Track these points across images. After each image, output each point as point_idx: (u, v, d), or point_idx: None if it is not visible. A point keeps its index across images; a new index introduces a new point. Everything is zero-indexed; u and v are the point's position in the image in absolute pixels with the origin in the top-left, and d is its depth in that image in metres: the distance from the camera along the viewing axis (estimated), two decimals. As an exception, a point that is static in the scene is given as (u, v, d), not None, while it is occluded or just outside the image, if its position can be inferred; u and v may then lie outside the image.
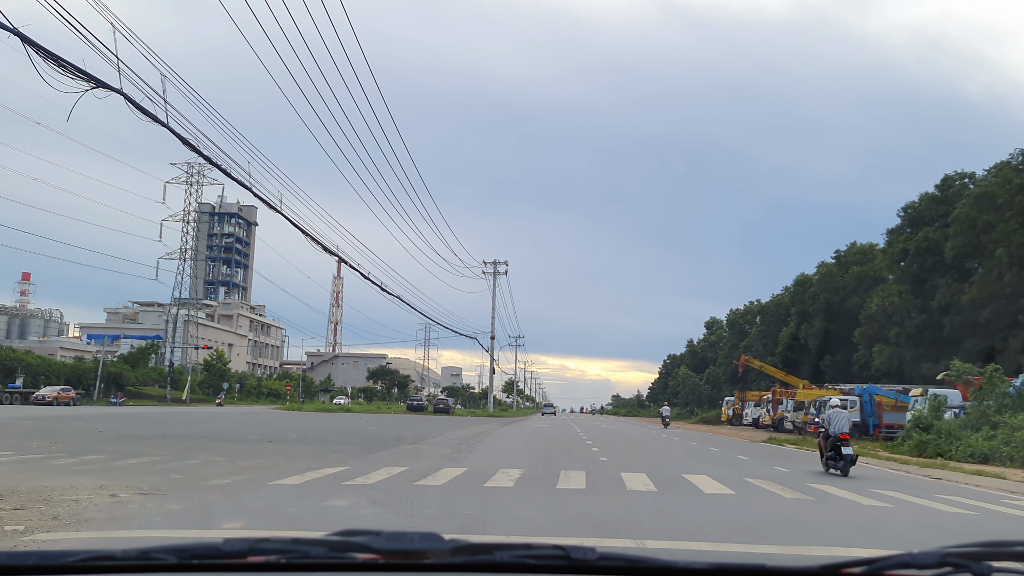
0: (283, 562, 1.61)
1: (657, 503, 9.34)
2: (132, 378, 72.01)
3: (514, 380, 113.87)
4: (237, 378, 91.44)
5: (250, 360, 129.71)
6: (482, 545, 1.65)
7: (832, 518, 8.84)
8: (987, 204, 44.20)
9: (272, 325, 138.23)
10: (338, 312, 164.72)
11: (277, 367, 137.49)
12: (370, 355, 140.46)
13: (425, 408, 64.63)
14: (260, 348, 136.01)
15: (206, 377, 79.93)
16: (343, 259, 31.01)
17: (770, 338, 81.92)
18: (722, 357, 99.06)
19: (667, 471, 13.88)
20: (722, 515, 8.57)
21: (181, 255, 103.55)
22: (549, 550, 1.63)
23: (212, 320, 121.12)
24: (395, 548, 1.63)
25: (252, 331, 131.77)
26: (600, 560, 1.62)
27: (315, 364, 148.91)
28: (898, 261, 52.53)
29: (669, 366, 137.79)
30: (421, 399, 67.79)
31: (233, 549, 1.62)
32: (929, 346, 48.59)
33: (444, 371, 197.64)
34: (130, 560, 1.60)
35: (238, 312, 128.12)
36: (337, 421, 35.95)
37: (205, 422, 29.58)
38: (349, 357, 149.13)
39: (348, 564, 1.63)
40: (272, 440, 19.24)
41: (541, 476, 11.98)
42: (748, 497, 10.39)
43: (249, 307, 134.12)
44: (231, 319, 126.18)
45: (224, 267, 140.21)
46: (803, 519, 8.51)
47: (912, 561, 1.61)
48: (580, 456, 16.81)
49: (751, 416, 59.89)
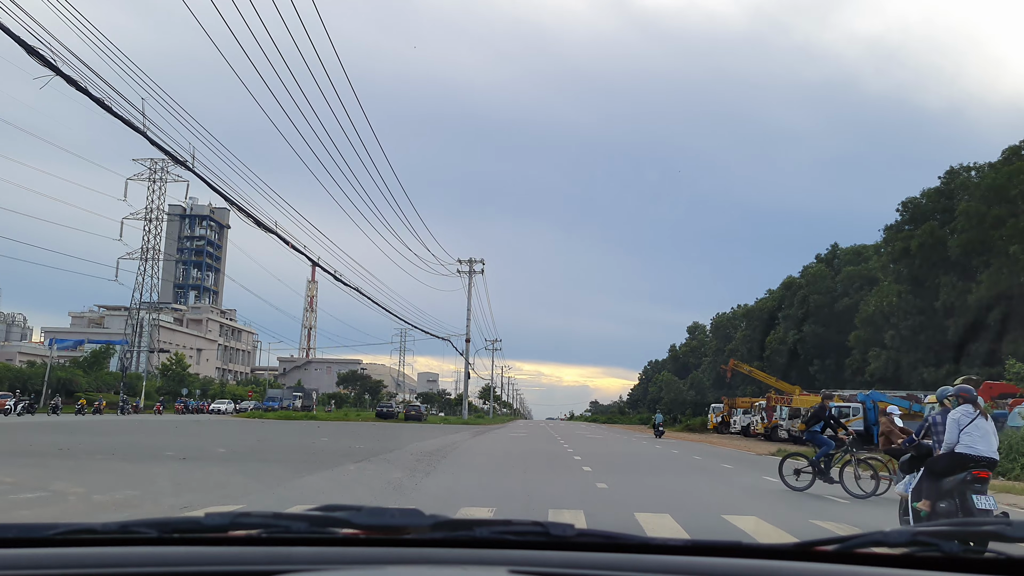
0: (264, 536, 1.61)
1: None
2: (84, 384, 67.50)
3: (491, 385, 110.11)
4: (200, 384, 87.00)
5: (220, 366, 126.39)
6: (462, 521, 1.67)
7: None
8: (996, 197, 41.37)
9: (243, 330, 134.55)
10: (312, 317, 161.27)
11: (248, 373, 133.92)
12: (344, 360, 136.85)
13: (396, 415, 60.79)
14: (231, 353, 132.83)
15: (164, 383, 75.34)
16: (310, 258, 28.68)
17: (755, 342, 79.08)
18: (706, 363, 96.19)
19: (694, 506, 10.37)
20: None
21: (143, 255, 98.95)
22: (528, 526, 1.66)
23: (181, 324, 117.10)
24: (376, 523, 1.64)
25: (222, 336, 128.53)
26: (578, 536, 1.65)
27: (287, 370, 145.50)
28: (896, 260, 49.63)
29: (649, 372, 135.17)
30: (392, 405, 63.82)
31: (214, 523, 1.62)
32: (928, 350, 45.67)
33: (420, 377, 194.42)
34: (110, 533, 1.61)
35: (208, 316, 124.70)
36: (291, 431, 32.11)
37: (127, 432, 25.66)
38: (323, 363, 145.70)
39: (329, 539, 1.63)
40: (187, 457, 15.49)
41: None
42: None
43: (220, 311, 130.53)
44: (200, 323, 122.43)
45: (195, 270, 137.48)
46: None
47: (884, 539, 1.62)
48: (571, 481, 13.18)
49: (740, 423, 56.71)
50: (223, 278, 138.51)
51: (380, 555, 1.62)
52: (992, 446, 7.70)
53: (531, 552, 1.64)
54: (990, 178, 41.92)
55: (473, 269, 61.71)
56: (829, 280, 65.14)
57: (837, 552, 1.64)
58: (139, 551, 1.59)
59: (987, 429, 7.74)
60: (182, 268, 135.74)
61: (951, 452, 7.66)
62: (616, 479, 13.95)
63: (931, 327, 45.22)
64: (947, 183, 49.86)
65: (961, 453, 7.57)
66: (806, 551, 1.65)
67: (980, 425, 7.70)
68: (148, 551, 1.59)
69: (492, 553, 1.63)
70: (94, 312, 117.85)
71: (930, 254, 46.52)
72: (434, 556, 1.62)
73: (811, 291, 65.24)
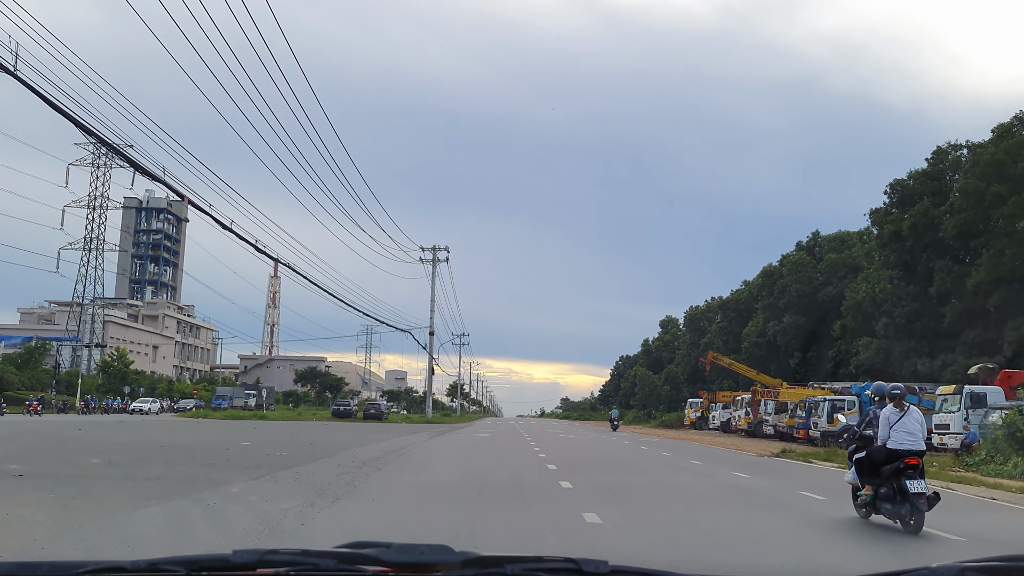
0: (292, 574, 1.59)
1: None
2: (16, 382, 62.33)
3: (458, 382, 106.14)
4: (147, 381, 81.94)
5: (177, 363, 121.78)
6: (493, 558, 1.63)
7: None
8: (996, 174, 38.48)
9: (202, 326, 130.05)
10: (275, 313, 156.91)
11: (208, 370, 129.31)
12: (308, 358, 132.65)
13: (353, 414, 56.64)
14: (189, 351, 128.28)
15: (104, 380, 70.23)
16: (261, 249, 26.38)
17: (732, 335, 76.25)
18: (680, 356, 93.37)
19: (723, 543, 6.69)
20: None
21: (86, 245, 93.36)
22: (561, 563, 1.61)
23: (136, 321, 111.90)
24: (405, 560, 1.61)
25: (180, 333, 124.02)
26: (612, 573, 1.59)
27: (248, 368, 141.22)
28: (886, 244, 46.75)
29: (621, 367, 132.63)
30: (349, 404, 59.48)
31: (242, 561, 1.60)
32: (922, 338, 42.77)
33: (388, 375, 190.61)
34: (140, 571, 1.59)
35: (164, 312, 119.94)
36: (215, 434, 27.92)
37: (9, 438, 21.40)
38: (286, 360, 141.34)
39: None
40: (24, 475, 11.47)
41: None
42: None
43: (177, 307, 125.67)
44: (156, 320, 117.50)
45: (151, 265, 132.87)
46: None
47: (932, 575, 1.57)
48: (547, 507, 9.44)
49: (720, 419, 53.54)
50: (181, 273, 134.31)
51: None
52: (918, 440, 8.89)
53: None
54: (988, 154, 39.00)
55: (437, 257, 57.73)
56: (811, 268, 62.31)
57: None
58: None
59: (912, 427, 8.90)
60: (138, 263, 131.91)
61: (884, 447, 8.94)
62: (602, 498, 10.16)
63: (925, 314, 42.33)
64: (935, 164, 47.07)
65: (892, 448, 8.84)
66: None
67: (906, 423, 8.90)
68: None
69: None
70: (44, 308, 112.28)
71: (922, 237, 43.64)
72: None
73: (792, 280, 62.35)
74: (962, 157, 46.25)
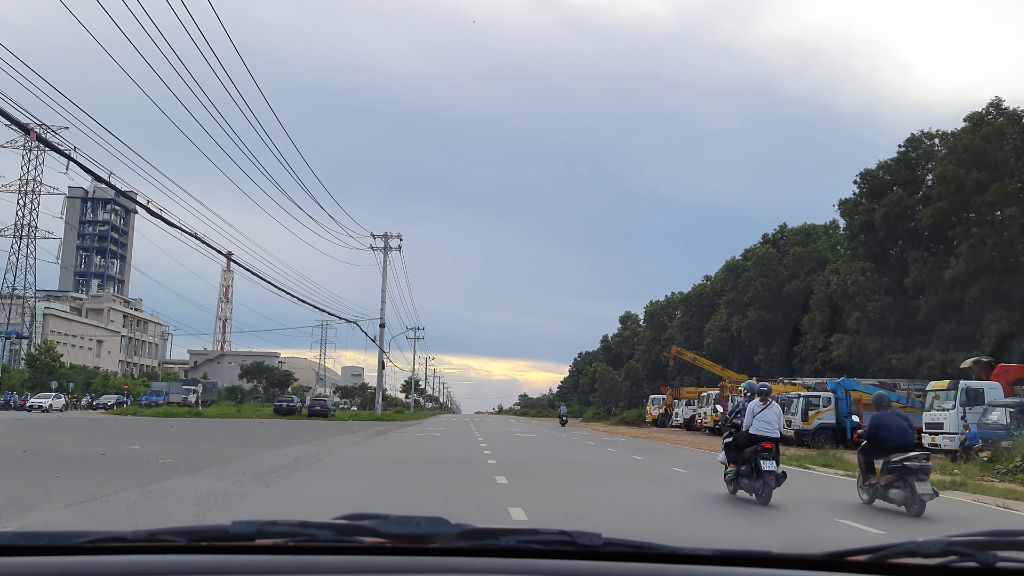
0: (291, 544, 1.61)
1: None
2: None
3: (412, 377, 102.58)
4: (82, 375, 77.11)
5: (124, 358, 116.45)
6: (488, 530, 1.65)
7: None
8: (973, 161, 36.49)
9: (150, 320, 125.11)
10: (227, 308, 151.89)
11: (156, 366, 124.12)
12: (262, 354, 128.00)
13: (297, 410, 52.97)
14: (136, 345, 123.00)
15: (31, 375, 65.37)
16: (205, 241, 24.72)
17: (694, 330, 74.06)
18: (640, 352, 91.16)
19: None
20: None
21: (16, 232, 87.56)
22: (555, 535, 1.63)
23: (80, 314, 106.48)
24: (402, 532, 1.63)
25: (126, 327, 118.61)
26: (605, 546, 1.62)
27: (199, 363, 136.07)
28: (856, 235, 44.72)
29: (580, 363, 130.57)
30: (293, 400, 55.66)
31: (241, 532, 1.62)
32: (895, 333, 40.72)
33: (344, 371, 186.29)
34: (140, 541, 1.61)
35: (109, 306, 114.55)
36: (117, 433, 24.31)
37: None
38: (237, 355, 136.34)
39: (355, 547, 1.64)
40: None
41: None
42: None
43: (124, 300, 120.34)
44: (101, 313, 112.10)
45: (98, 257, 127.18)
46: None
47: (917, 549, 1.59)
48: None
49: (683, 416, 51.12)
50: (129, 266, 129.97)
51: (406, 564, 1.62)
52: (774, 428, 10.99)
53: (557, 562, 1.62)
54: (966, 140, 36.99)
55: (389, 245, 54.29)
56: (776, 262, 60.27)
57: (869, 562, 1.61)
58: (167, 559, 1.59)
59: (771, 418, 11.02)
60: (83, 254, 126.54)
61: (747, 432, 11.07)
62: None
63: (899, 308, 40.27)
64: (907, 152, 45.12)
65: (752, 433, 10.96)
66: (837, 561, 1.63)
67: (766, 414, 11.02)
68: (176, 559, 1.59)
69: (518, 563, 1.61)
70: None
71: (895, 227, 41.64)
72: (460, 565, 1.61)
73: (757, 274, 60.24)
74: (934, 147, 44.42)
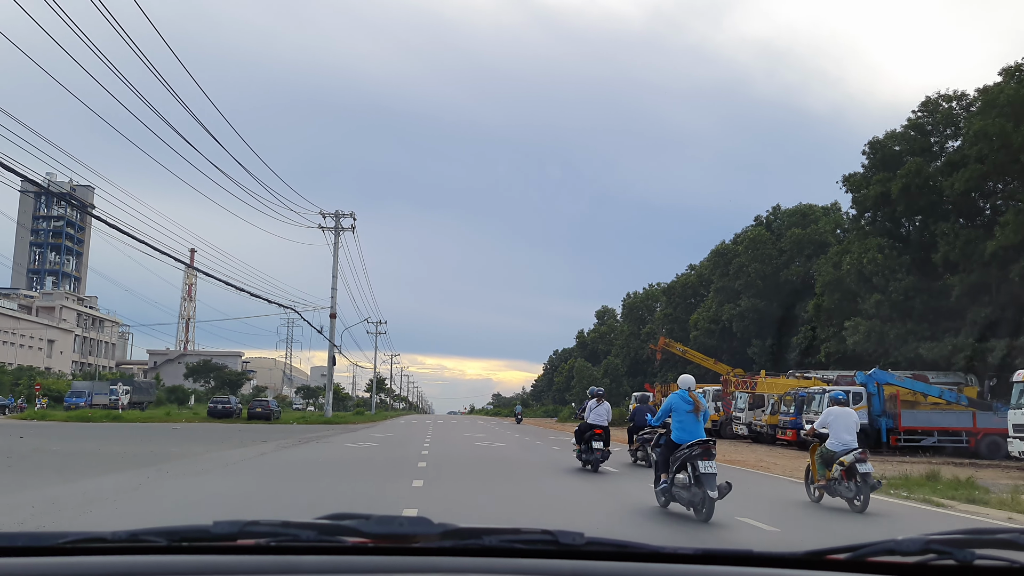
0: (273, 544, 1.61)
1: None
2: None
3: (375, 375, 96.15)
4: (10, 376, 70.16)
5: (77, 359, 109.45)
6: (471, 529, 1.65)
7: None
8: (1018, 114, 31.33)
9: (106, 319, 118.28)
10: (191, 307, 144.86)
11: (113, 367, 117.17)
12: (224, 354, 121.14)
13: (235, 413, 46.61)
14: (92, 345, 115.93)
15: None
16: (154, 247, 22.94)
17: (678, 322, 68.63)
18: (618, 348, 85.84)
19: None
20: None
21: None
22: (538, 535, 1.63)
23: (29, 312, 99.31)
24: (384, 532, 1.63)
25: (80, 326, 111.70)
26: (588, 545, 1.62)
27: (159, 363, 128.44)
28: (868, 209, 39.61)
29: (556, 361, 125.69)
30: (230, 401, 49.11)
31: (223, 532, 1.61)
32: (921, 318, 35.55)
33: (314, 371, 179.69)
34: (120, 542, 1.59)
35: (61, 304, 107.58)
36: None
37: None
38: (198, 355, 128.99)
39: (337, 547, 1.63)
40: None
41: None
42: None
43: (78, 299, 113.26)
44: (53, 311, 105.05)
45: (52, 254, 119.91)
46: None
47: (896, 548, 1.60)
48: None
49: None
50: (86, 264, 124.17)
51: (389, 564, 1.61)
52: (603, 419, 14.34)
53: (540, 561, 1.62)
54: (1010, 90, 31.83)
55: (340, 225, 48.06)
56: (770, 246, 55.11)
57: (849, 561, 1.61)
58: (148, 560, 1.57)
59: (601, 412, 14.38)
60: (36, 251, 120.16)
61: (587, 422, 13.69)
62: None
63: (924, 289, 35.11)
64: (921, 118, 40.04)
65: (590, 423, 14.05)
66: (818, 560, 1.63)
67: (599, 411, 14.38)
68: (157, 560, 1.57)
69: (501, 562, 1.61)
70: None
71: (916, 199, 36.51)
72: (443, 565, 1.61)
73: (749, 259, 55.04)
74: (953, 109, 39.42)
